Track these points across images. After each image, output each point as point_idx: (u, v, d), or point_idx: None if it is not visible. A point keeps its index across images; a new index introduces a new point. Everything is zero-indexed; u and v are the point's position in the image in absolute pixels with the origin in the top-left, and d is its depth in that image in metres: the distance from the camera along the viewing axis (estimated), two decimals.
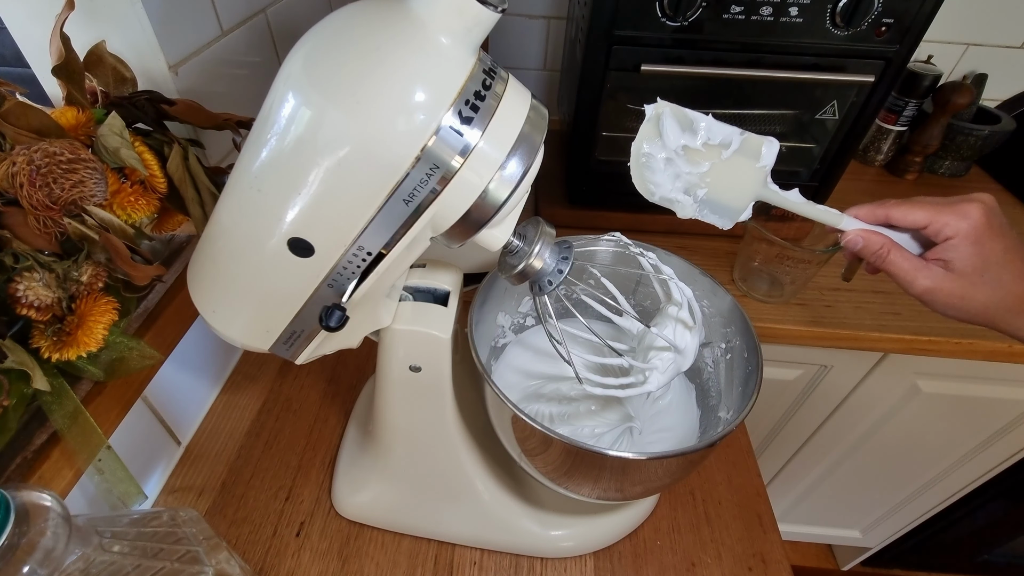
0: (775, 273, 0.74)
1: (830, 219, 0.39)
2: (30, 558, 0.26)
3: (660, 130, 0.38)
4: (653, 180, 0.39)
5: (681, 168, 0.39)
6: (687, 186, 0.39)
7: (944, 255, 0.36)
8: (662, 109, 0.38)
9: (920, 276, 0.37)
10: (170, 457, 0.60)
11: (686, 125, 0.37)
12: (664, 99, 0.39)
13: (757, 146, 0.37)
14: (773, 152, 0.37)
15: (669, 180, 0.39)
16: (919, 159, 1.01)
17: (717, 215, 0.40)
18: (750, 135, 0.38)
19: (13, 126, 0.36)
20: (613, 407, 0.51)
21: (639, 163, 0.39)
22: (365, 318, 0.39)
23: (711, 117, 0.37)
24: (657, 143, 0.38)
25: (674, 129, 0.37)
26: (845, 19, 0.62)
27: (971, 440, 0.95)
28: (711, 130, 0.37)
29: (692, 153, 0.38)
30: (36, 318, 0.36)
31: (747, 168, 0.38)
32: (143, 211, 0.42)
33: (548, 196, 0.89)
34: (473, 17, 0.27)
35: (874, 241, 0.38)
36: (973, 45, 1.02)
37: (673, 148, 0.38)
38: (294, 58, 0.28)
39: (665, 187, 0.39)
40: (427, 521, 0.54)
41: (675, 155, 0.38)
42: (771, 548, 0.56)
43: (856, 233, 0.38)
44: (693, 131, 0.37)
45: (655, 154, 0.38)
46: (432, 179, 0.28)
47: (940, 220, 0.36)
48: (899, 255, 0.37)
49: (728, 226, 0.40)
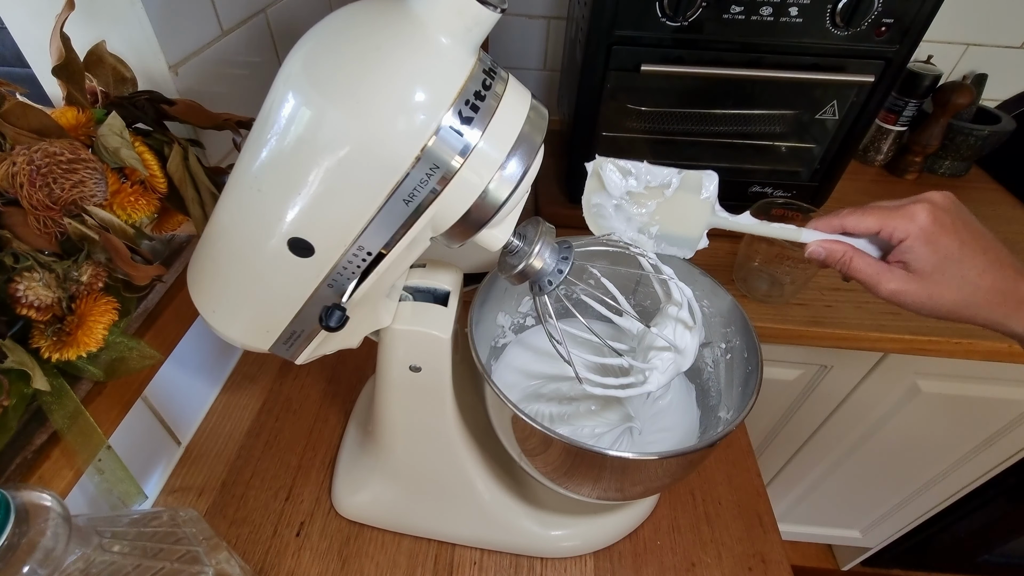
0: (775, 273, 0.74)
1: (789, 235, 0.40)
2: (30, 558, 0.26)
3: (603, 182, 0.41)
4: (607, 226, 0.42)
5: (631, 211, 0.42)
6: (640, 226, 0.42)
7: (902, 257, 0.37)
8: (600, 164, 0.41)
9: (883, 279, 0.38)
10: (170, 457, 0.60)
11: (626, 173, 0.41)
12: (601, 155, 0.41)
13: (697, 180, 0.40)
14: (713, 184, 0.40)
15: (622, 223, 0.42)
16: (919, 159, 1.01)
17: (675, 247, 0.42)
18: (688, 172, 0.40)
19: (13, 126, 0.36)
20: (613, 407, 0.51)
21: (591, 213, 0.42)
22: (365, 318, 0.39)
23: (646, 163, 0.40)
24: (604, 193, 0.42)
25: (615, 179, 0.40)
26: (845, 19, 0.62)
27: (971, 440, 0.95)
28: (650, 174, 0.40)
29: (637, 196, 0.41)
30: (36, 318, 0.36)
31: (693, 201, 0.40)
32: (143, 211, 0.42)
33: (548, 196, 0.89)
34: (473, 17, 0.27)
35: (836, 250, 0.39)
36: (973, 45, 1.02)
37: (618, 196, 0.41)
38: (294, 58, 0.28)
39: (620, 229, 0.42)
40: (427, 521, 0.54)
41: (623, 201, 0.41)
42: (771, 548, 0.56)
43: (817, 244, 0.39)
44: (634, 176, 0.41)
45: (604, 203, 0.42)
46: (432, 179, 0.28)
47: (890, 225, 0.37)
48: (862, 261, 0.38)
49: (688, 255, 0.43)
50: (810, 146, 0.80)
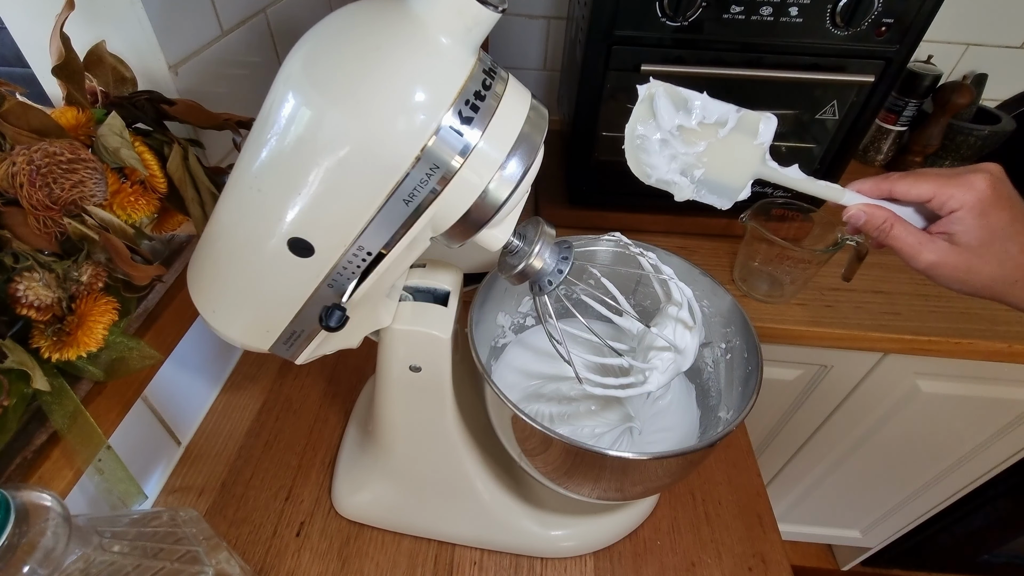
0: (775, 273, 0.74)
1: (832, 195, 0.38)
2: (30, 558, 0.26)
3: (654, 111, 0.37)
4: (648, 162, 0.38)
5: (677, 149, 0.38)
6: (684, 167, 0.38)
7: (949, 228, 0.35)
8: (655, 89, 0.37)
9: (924, 250, 0.36)
10: (170, 457, 0.60)
11: (680, 104, 0.36)
12: (657, 79, 0.38)
13: (754, 123, 0.37)
14: (771, 128, 0.37)
15: (665, 162, 0.38)
16: (919, 159, 1.01)
17: (716, 195, 0.39)
18: (747, 112, 0.37)
19: (13, 126, 0.36)
20: (613, 407, 0.51)
21: (634, 145, 0.38)
22: (365, 318, 0.39)
23: (706, 95, 0.36)
24: (651, 124, 0.37)
25: (668, 109, 0.36)
26: (845, 19, 0.62)
27: (971, 440, 0.95)
28: (706, 108, 0.36)
29: (688, 133, 0.37)
30: (36, 318, 0.36)
31: (745, 145, 0.37)
32: (143, 211, 0.42)
33: (548, 196, 0.89)
34: (473, 17, 0.27)
35: (877, 216, 0.37)
36: (973, 45, 1.02)
37: (668, 129, 0.37)
38: (294, 58, 0.28)
39: (661, 169, 0.38)
40: (427, 521, 0.54)
41: (670, 136, 0.37)
42: (771, 548, 0.56)
43: (858, 208, 0.37)
44: (688, 110, 0.36)
45: (650, 135, 0.38)
46: (432, 179, 0.28)
47: (945, 192, 0.35)
48: (903, 229, 0.36)
49: (727, 206, 0.39)
50: (810, 146, 0.80)
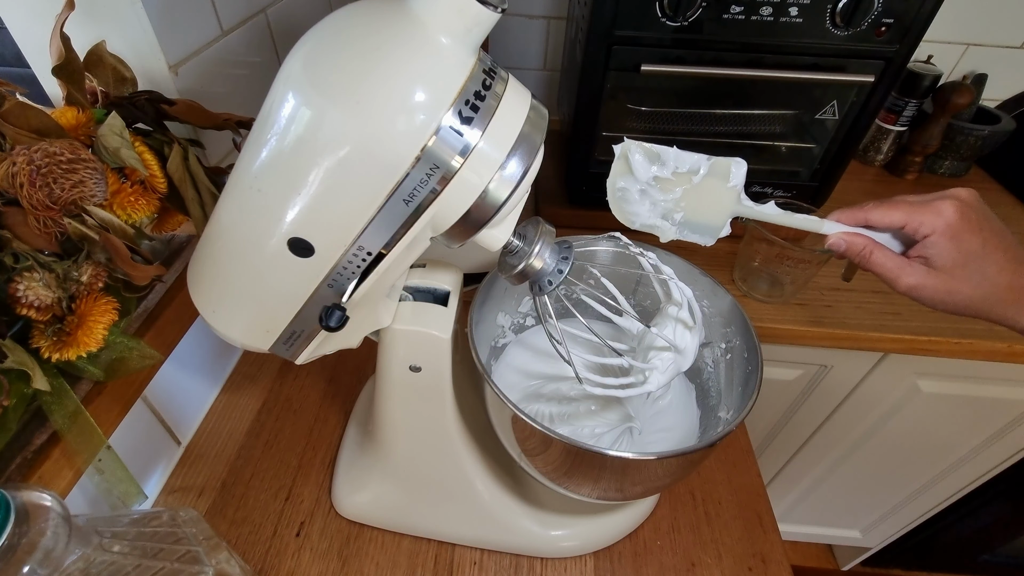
0: (775, 273, 0.74)
1: (811, 226, 0.40)
2: (30, 558, 0.26)
3: (630, 166, 0.40)
4: (631, 211, 0.42)
5: (656, 197, 0.41)
6: (664, 212, 0.42)
7: (924, 252, 0.37)
8: (628, 147, 0.40)
9: (903, 274, 0.38)
10: (170, 457, 0.60)
11: (654, 158, 0.40)
12: (629, 137, 0.41)
13: (726, 168, 0.40)
14: (742, 172, 0.39)
15: (646, 209, 0.42)
16: (919, 159, 1.01)
17: (697, 234, 0.42)
18: (717, 159, 0.40)
19: (13, 126, 0.36)
20: (613, 407, 0.51)
21: (615, 197, 0.42)
22: (365, 318, 0.39)
23: (675, 149, 0.40)
24: (630, 178, 0.41)
25: (643, 163, 0.40)
26: (845, 19, 0.62)
27: (971, 440, 0.95)
28: (679, 159, 0.40)
29: (664, 182, 0.41)
30: (36, 318, 0.36)
31: (719, 189, 0.40)
32: (143, 211, 0.42)
33: (548, 196, 0.89)
34: (473, 17, 0.27)
35: (856, 243, 0.39)
36: (973, 45, 1.02)
37: (645, 180, 0.40)
38: (294, 58, 0.28)
39: (643, 215, 0.42)
40: (427, 521, 0.54)
41: (648, 186, 0.41)
42: (771, 548, 0.56)
43: (838, 236, 0.39)
44: (662, 163, 0.40)
45: (629, 187, 0.41)
46: (432, 179, 0.28)
47: (916, 219, 0.37)
48: (882, 255, 0.39)
49: (710, 243, 0.42)
50: (810, 146, 0.80)
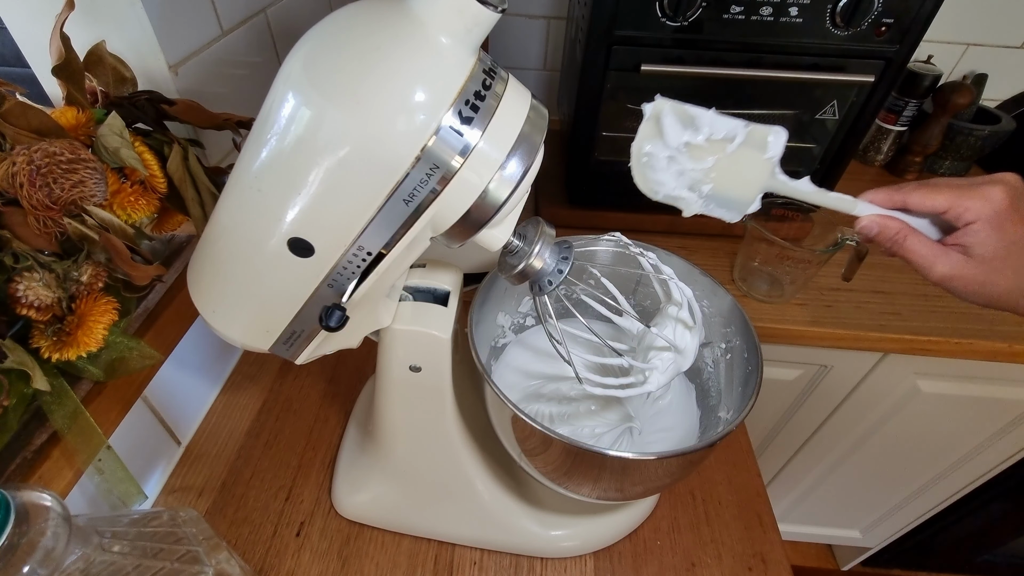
0: (775, 273, 0.74)
1: (844, 206, 0.37)
2: (30, 558, 0.26)
3: (660, 129, 0.37)
4: (656, 179, 0.38)
5: (685, 165, 0.37)
6: (691, 183, 0.38)
7: (964, 240, 0.35)
8: (661, 107, 0.36)
9: (938, 263, 0.35)
10: (170, 457, 0.60)
11: (687, 122, 0.36)
12: (664, 96, 0.38)
13: (763, 137, 0.36)
14: (781, 142, 0.36)
15: (672, 178, 0.38)
16: (919, 159, 1.01)
17: (724, 208, 0.38)
18: (755, 126, 0.36)
19: (13, 126, 0.36)
20: (613, 407, 0.51)
21: (640, 163, 0.38)
22: (365, 318, 0.39)
23: (713, 111, 0.36)
24: (658, 142, 0.37)
25: (675, 127, 0.36)
26: (845, 19, 0.62)
27: (971, 440, 0.95)
28: (714, 125, 0.36)
29: (695, 149, 0.37)
30: (36, 318, 0.36)
31: (754, 160, 0.36)
32: (143, 211, 0.42)
33: (548, 196, 0.89)
34: (473, 17, 0.27)
35: (890, 227, 0.36)
36: (973, 45, 1.02)
37: (675, 146, 0.37)
38: (294, 58, 0.28)
39: (669, 185, 0.38)
40: (427, 521, 0.54)
41: (678, 153, 0.37)
42: (771, 548, 0.56)
43: (871, 219, 0.37)
44: (695, 127, 0.36)
45: (657, 153, 0.37)
46: (432, 179, 0.28)
47: (961, 204, 0.34)
48: (916, 241, 0.36)
49: (736, 219, 0.39)
50: (810, 146, 0.80)
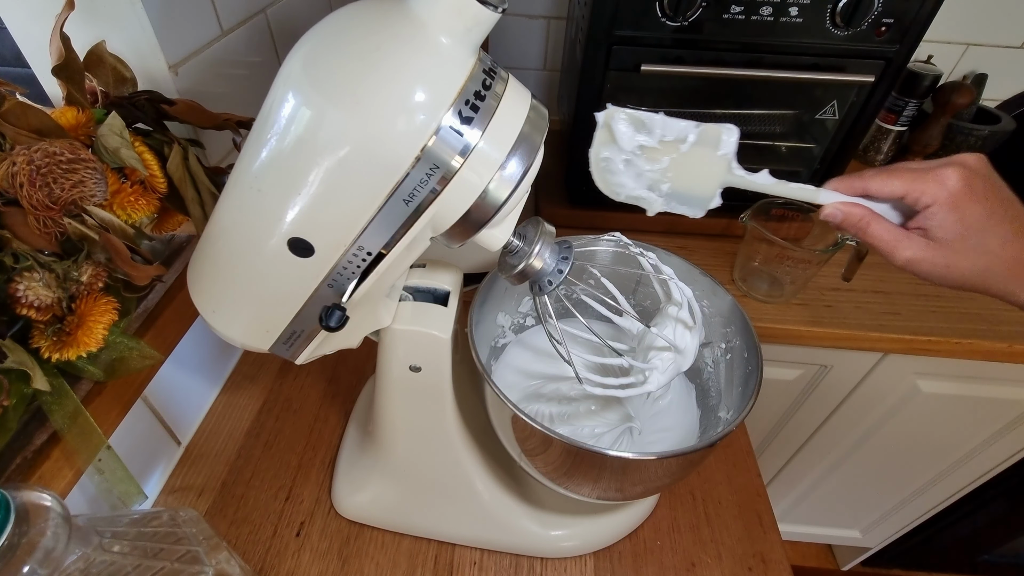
0: (775, 273, 0.74)
1: (806, 195, 0.38)
2: (30, 558, 0.26)
3: (613, 135, 0.38)
4: (615, 182, 0.40)
5: (641, 167, 0.39)
6: (650, 183, 0.40)
7: (923, 223, 0.35)
8: (612, 114, 0.38)
9: (900, 246, 0.36)
10: (170, 457, 0.60)
11: (639, 126, 0.38)
12: (615, 105, 0.39)
13: (716, 135, 0.37)
14: (732, 139, 0.37)
15: (632, 179, 0.40)
16: (919, 159, 1.01)
17: (686, 206, 0.40)
18: (707, 126, 0.37)
19: (13, 126, 0.36)
20: (613, 407, 0.51)
21: (599, 168, 0.40)
22: (365, 318, 0.39)
23: (662, 115, 0.38)
24: (613, 147, 0.39)
25: (627, 132, 0.38)
26: (845, 19, 0.62)
27: (971, 440, 0.95)
28: (665, 127, 0.38)
29: (650, 151, 0.38)
30: (36, 318, 0.36)
31: (709, 157, 0.38)
32: (143, 211, 0.42)
33: (548, 196, 0.89)
34: (473, 17, 0.27)
35: (853, 213, 0.37)
36: (973, 45, 1.02)
37: (630, 150, 0.38)
38: (294, 58, 0.28)
39: (628, 187, 0.40)
40: (427, 521, 0.54)
41: (633, 156, 0.38)
42: (771, 548, 0.56)
43: (834, 206, 0.37)
44: (648, 130, 0.38)
45: (613, 157, 0.39)
46: (432, 179, 0.28)
47: (917, 188, 0.35)
48: (879, 226, 0.36)
49: (699, 215, 0.40)
50: (810, 146, 0.80)
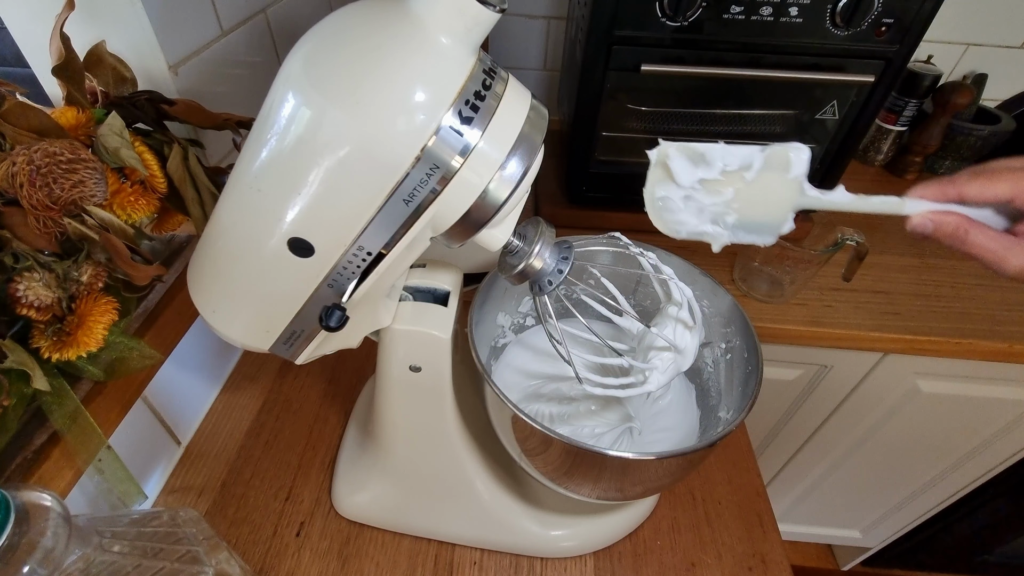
0: (775, 273, 0.74)
1: (890, 208, 0.34)
2: (30, 558, 0.26)
3: (670, 172, 0.35)
4: (675, 219, 0.37)
5: (703, 201, 0.36)
6: (714, 216, 0.36)
7: None
8: (666, 151, 0.35)
9: (1011, 255, 0.32)
10: (170, 457, 0.60)
11: (697, 159, 0.35)
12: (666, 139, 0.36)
13: (783, 157, 0.35)
14: (804, 158, 0.34)
15: (693, 216, 0.36)
16: (919, 159, 1.01)
17: (755, 234, 0.36)
18: (773, 148, 0.35)
19: (13, 126, 0.36)
20: (613, 407, 0.51)
21: (655, 207, 0.37)
22: (365, 318, 0.39)
23: (722, 144, 0.35)
24: (670, 184, 0.36)
25: (685, 167, 0.35)
26: (845, 19, 0.62)
27: (971, 440, 0.95)
28: (727, 157, 0.35)
29: (711, 184, 0.35)
30: (36, 318, 0.36)
31: (778, 182, 0.35)
32: (143, 211, 0.42)
33: (548, 196, 0.89)
34: (473, 17, 0.27)
35: (947, 222, 0.33)
36: (973, 45, 1.02)
37: (688, 185, 0.35)
38: (294, 58, 0.28)
39: (690, 224, 0.37)
40: (427, 521, 0.54)
41: (693, 191, 0.35)
42: (771, 548, 0.56)
43: (923, 216, 0.33)
44: (707, 163, 0.35)
45: (671, 195, 0.36)
46: (432, 179, 0.28)
47: None
48: (981, 235, 0.32)
49: (770, 242, 0.36)
50: (810, 146, 0.80)
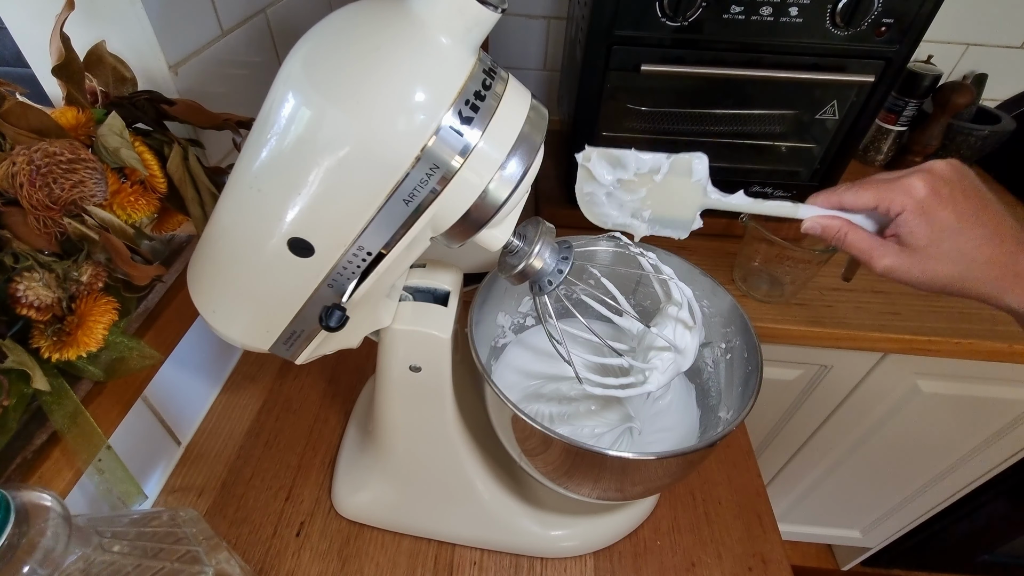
0: (775, 273, 0.74)
1: (785, 211, 0.41)
2: (30, 558, 0.26)
3: (591, 173, 0.42)
4: (601, 212, 0.44)
5: (622, 198, 0.43)
6: (633, 211, 0.44)
7: (897, 231, 0.37)
8: (588, 155, 0.42)
9: (876, 255, 0.37)
10: (170, 457, 0.60)
11: (614, 162, 0.42)
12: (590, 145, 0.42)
13: (687, 164, 0.41)
14: (703, 166, 0.41)
15: (615, 209, 0.44)
16: (919, 159, 1.01)
17: (669, 229, 0.44)
18: (677, 157, 0.41)
19: (13, 126, 0.36)
20: (613, 407, 0.51)
21: (585, 201, 0.44)
22: (365, 318, 0.39)
23: (634, 151, 0.41)
24: (594, 182, 0.43)
25: (604, 168, 0.42)
26: (845, 19, 0.62)
27: (971, 440, 0.95)
28: (638, 162, 0.42)
29: (627, 183, 0.42)
30: (36, 318, 0.36)
31: (684, 184, 0.42)
32: (143, 211, 0.42)
33: (548, 196, 0.89)
34: (473, 17, 0.27)
35: (831, 225, 0.39)
36: (973, 45, 1.02)
37: (608, 184, 0.42)
38: (294, 58, 0.28)
39: (613, 216, 0.44)
40: (427, 521, 0.54)
41: (613, 188, 0.43)
42: (771, 548, 0.56)
43: (813, 220, 0.39)
44: (623, 166, 0.41)
45: (595, 191, 0.43)
46: (432, 179, 0.28)
47: (887, 198, 0.36)
48: (856, 236, 0.38)
49: (683, 236, 0.43)
50: (810, 146, 0.80)
